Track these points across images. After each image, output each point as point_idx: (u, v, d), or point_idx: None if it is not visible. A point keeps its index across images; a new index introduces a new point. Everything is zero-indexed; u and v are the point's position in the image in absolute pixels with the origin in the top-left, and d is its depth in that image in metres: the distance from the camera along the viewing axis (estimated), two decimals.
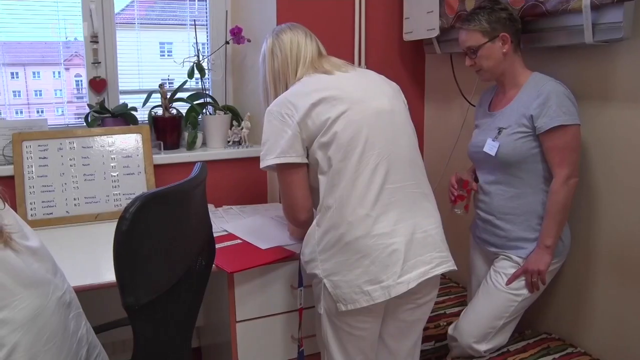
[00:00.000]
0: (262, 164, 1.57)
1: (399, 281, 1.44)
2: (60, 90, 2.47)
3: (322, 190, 1.51)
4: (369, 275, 1.44)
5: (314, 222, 1.54)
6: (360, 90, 1.56)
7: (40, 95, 2.46)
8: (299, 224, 1.65)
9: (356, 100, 1.52)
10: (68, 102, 2.48)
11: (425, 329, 1.71)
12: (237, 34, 2.37)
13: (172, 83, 2.55)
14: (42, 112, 2.45)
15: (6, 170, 2.05)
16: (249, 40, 2.37)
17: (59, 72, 2.46)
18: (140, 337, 1.01)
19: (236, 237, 1.89)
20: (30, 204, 2.04)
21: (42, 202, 2.05)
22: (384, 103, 1.57)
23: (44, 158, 2.10)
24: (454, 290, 2.38)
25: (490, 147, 1.78)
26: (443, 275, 1.67)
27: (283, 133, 1.52)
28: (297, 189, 1.59)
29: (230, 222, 2.06)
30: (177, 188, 1.13)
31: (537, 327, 2.03)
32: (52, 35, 2.40)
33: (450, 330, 1.90)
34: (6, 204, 1.16)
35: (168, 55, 2.61)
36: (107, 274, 1.54)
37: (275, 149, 1.53)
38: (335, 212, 1.47)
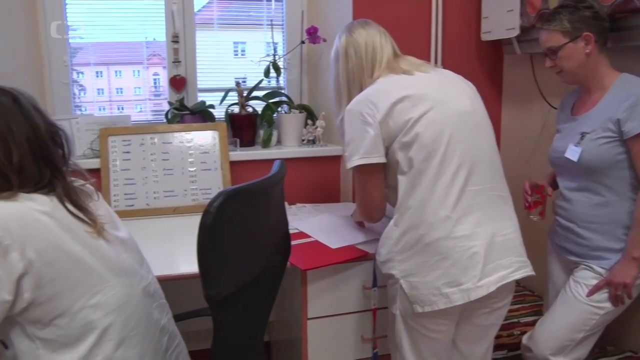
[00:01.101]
0: (349, 165, 1.57)
1: (478, 284, 1.41)
2: (140, 88, 2.57)
3: (401, 190, 1.50)
4: (448, 277, 1.42)
5: (392, 222, 1.53)
6: (442, 91, 1.54)
7: (121, 92, 2.57)
8: (372, 222, 1.69)
9: (438, 101, 1.50)
10: (146, 99, 2.58)
11: (497, 336, 1.67)
12: (313, 34, 2.38)
13: (244, 82, 2.60)
14: (122, 108, 2.57)
15: (93, 163, 2.16)
16: (324, 40, 2.38)
17: (139, 71, 2.56)
18: (220, 328, 1.04)
19: (308, 236, 1.91)
20: (114, 195, 2.14)
21: (125, 194, 2.15)
22: (465, 104, 1.54)
23: (127, 152, 2.19)
24: (529, 298, 2.31)
25: (573, 153, 1.71)
26: (517, 283, 1.62)
27: (365, 133, 1.51)
28: (376, 190, 1.60)
29: (303, 220, 2.08)
30: (258, 184, 1.15)
31: (621, 344, 1.93)
32: (134, 36, 2.51)
33: (524, 339, 1.84)
34: (100, 196, 1.23)
35: (241, 55, 2.66)
36: (184, 266, 1.60)
37: (359, 149, 1.52)
38: (415, 213, 1.46)
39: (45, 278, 1.02)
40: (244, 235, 1.11)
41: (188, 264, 1.65)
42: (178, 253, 1.76)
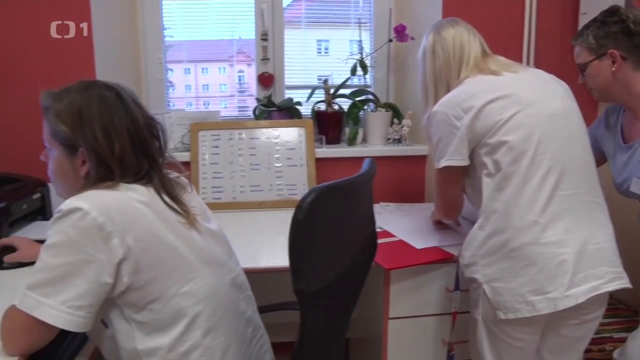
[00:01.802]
0: (437, 166, 1.57)
1: (566, 294, 1.35)
2: (225, 84, 2.64)
3: (486, 193, 1.46)
4: (534, 284, 1.37)
5: (476, 226, 1.50)
6: (532, 92, 1.49)
7: (207, 89, 2.65)
8: (450, 219, 1.79)
9: (528, 102, 1.45)
10: (230, 95, 2.65)
11: (587, 350, 1.59)
12: (400, 32, 2.36)
13: (327, 79, 2.61)
14: (208, 104, 2.65)
15: (184, 156, 2.24)
16: (412, 38, 2.36)
17: (224, 68, 2.63)
18: (307, 323, 1.05)
19: (392, 235, 1.89)
20: (203, 188, 2.21)
21: (212, 187, 2.22)
22: (557, 105, 1.48)
23: (216, 147, 2.26)
24: (623, 313, 2.18)
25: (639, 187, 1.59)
26: (611, 295, 1.54)
27: (451, 135, 1.49)
28: (456, 191, 1.60)
29: (387, 219, 2.06)
30: (349, 182, 1.16)
31: None
32: (221, 35, 2.58)
33: (615, 354, 1.74)
34: (193, 188, 1.27)
35: (324, 53, 2.68)
36: (266, 260, 1.62)
37: (446, 151, 1.52)
38: (501, 217, 1.42)
39: (142, 264, 1.07)
40: (334, 231, 1.11)
41: (270, 257, 1.69)
42: (262, 247, 1.80)
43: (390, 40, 2.50)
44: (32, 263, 1.54)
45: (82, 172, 1.16)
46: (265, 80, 2.53)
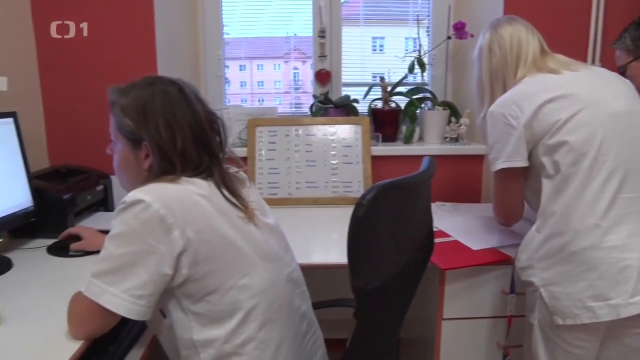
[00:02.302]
0: (492, 168, 1.54)
1: (630, 301, 1.30)
2: (279, 81, 2.66)
3: (545, 194, 1.42)
4: (594, 290, 1.32)
5: (533, 228, 1.46)
6: (593, 90, 1.43)
7: (262, 85, 2.67)
8: (507, 225, 1.69)
9: (589, 101, 1.40)
10: (285, 92, 2.66)
11: None
12: (460, 29, 2.33)
13: (382, 77, 2.60)
14: (262, 101, 2.68)
15: (241, 151, 2.27)
16: (471, 36, 2.31)
17: (279, 65, 2.65)
18: (362, 320, 1.05)
19: (447, 235, 1.87)
20: (259, 183, 2.23)
21: (269, 183, 2.24)
22: (620, 104, 1.42)
23: (273, 143, 2.28)
24: None
25: None
26: None
27: (508, 136, 1.46)
28: (516, 194, 1.55)
29: (443, 218, 2.04)
30: (410, 180, 1.15)
31: None
32: (277, 32, 2.61)
33: None
34: (251, 183, 1.29)
35: (380, 50, 2.66)
36: (321, 256, 1.63)
37: (502, 152, 1.48)
38: (560, 219, 1.38)
39: (200, 256, 1.09)
40: (393, 229, 1.11)
41: (323, 254, 1.69)
42: (315, 243, 1.80)
43: (449, 38, 2.46)
44: (96, 252, 1.62)
45: (145, 165, 1.19)
46: (323, 77, 2.53)
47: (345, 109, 2.42)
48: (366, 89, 2.52)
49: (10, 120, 1.72)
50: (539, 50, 1.56)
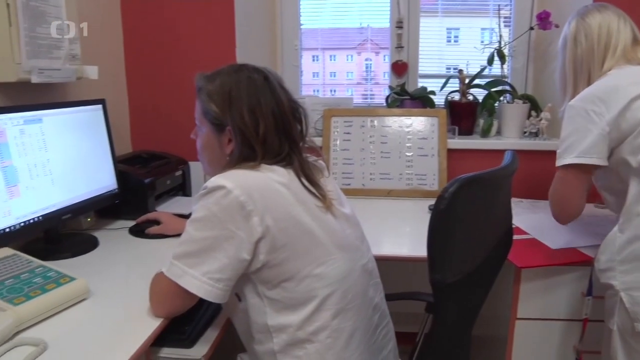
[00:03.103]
0: (559, 162, 1.46)
1: None
2: (352, 72, 2.65)
3: (631, 194, 1.35)
4: None
5: (616, 228, 1.39)
6: None
7: (334, 76, 2.67)
8: (562, 224, 1.57)
9: None
10: (357, 83, 2.65)
11: None
12: (544, 19, 2.24)
13: (456, 69, 2.54)
14: (334, 91, 2.68)
15: (316, 141, 2.27)
16: (556, 26, 2.22)
17: (352, 56, 2.64)
18: (440, 314, 1.04)
19: (524, 232, 1.81)
20: (333, 173, 2.24)
21: (343, 173, 2.24)
22: None
23: (348, 133, 2.28)
24: None
25: None
26: None
27: (587, 132, 1.38)
28: (579, 193, 1.47)
29: (519, 215, 1.98)
30: (492, 174, 1.12)
31: None
32: (350, 23, 2.61)
33: None
34: (329, 172, 1.29)
35: (454, 41, 2.60)
36: (392, 248, 1.61)
37: (575, 147, 1.41)
38: None
39: (278, 243, 1.10)
40: (473, 224, 1.09)
41: (394, 246, 1.68)
42: (387, 235, 1.79)
43: (532, 28, 2.37)
44: (174, 235, 1.68)
45: (228, 150, 1.21)
46: (399, 68, 2.51)
47: (421, 100, 2.38)
48: (442, 80, 2.47)
49: (99, 107, 1.80)
50: (631, 41, 1.47)
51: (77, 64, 1.76)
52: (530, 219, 1.94)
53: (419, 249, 1.64)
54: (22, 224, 1.46)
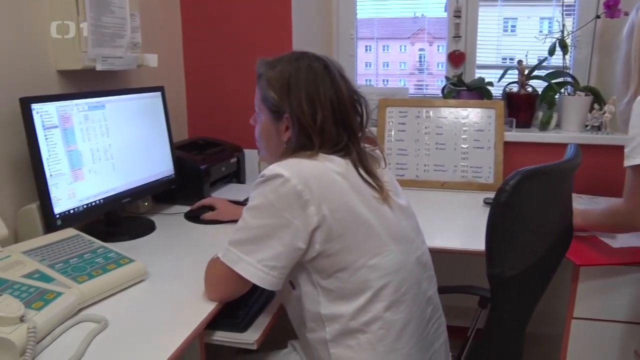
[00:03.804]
0: (628, 162, 1.39)
1: None
2: (405, 63, 2.62)
3: None
4: None
5: None
6: None
7: (387, 67, 2.64)
8: (624, 232, 1.52)
9: None
10: (410, 74, 2.62)
11: None
12: (612, 7, 2.14)
13: (512, 59, 2.47)
14: (387, 82, 2.65)
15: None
16: (625, 14, 2.13)
17: (405, 47, 2.60)
18: (496, 309, 1.02)
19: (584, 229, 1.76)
20: (388, 164, 2.23)
21: (397, 164, 2.23)
22: None
23: (403, 124, 2.26)
24: None
25: None
26: None
27: None
28: None
29: None
30: (555, 167, 1.09)
31: None
32: (404, 12, 2.58)
33: None
34: (386, 163, 1.28)
35: (511, 31, 2.53)
36: (443, 240, 1.59)
37: None
38: None
39: (334, 233, 1.10)
40: (533, 218, 1.06)
41: (445, 239, 1.65)
42: (438, 227, 1.77)
43: (598, 17, 2.28)
44: (228, 221, 1.71)
45: (285, 137, 1.22)
46: (456, 58, 2.46)
47: (478, 92, 2.33)
48: (499, 71, 2.41)
49: (159, 94, 1.84)
50: None
51: (137, 52, 1.80)
52: None
53: (471, 242, 1.62)
54: (85, 206, 1.51)
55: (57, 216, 1.42)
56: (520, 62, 2.31)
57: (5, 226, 1.31)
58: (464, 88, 2.35)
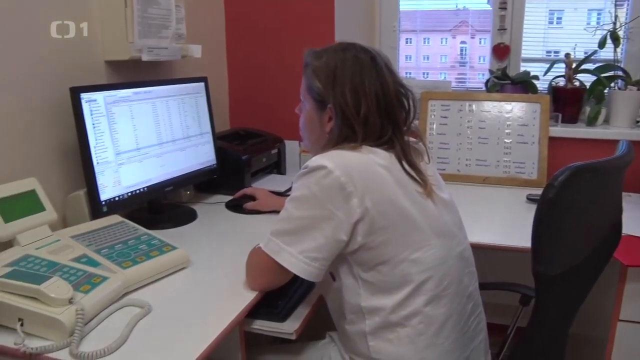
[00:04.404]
0: None
1: None
2: (446, 56, 2.58)
3: None
4: None
5: None
6: None
7: (427, 60, 2.61)
8: None
9: None
10: (451, 67, 2.59)
11: None
12: None
13: (557, 53, 2.40)
14: (427, 75, 2.62)
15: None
16: None
17: (446, 39, 2.57)
18: (541, 307, 1.00)
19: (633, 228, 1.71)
20: (430, 157, 2.21)
21: (438, 157, 2.20)
22: None
23: (445, 117, 2.23)
24: None
25: None
26: None
27: None
28: None
29: (628, 211, 1.85)
30: (606, 164, 1.06)
31: None
32: (446, 5, 2.54)
33: None
34: (430, 157, 1.27)
35: (557, 24, 2.46)
36: (481, 236, 1.56)
37: None
38: None
39: (376, 226, 1.09)
40: (582, 215, 1.03)
41: (484, 234, 1.62)
42: (480, 222, 1.74)
43: None
44: (269, 212, 1.72)
45: (327, 128, 1.22)
46: (501, 51, 2.41)
47: (523, 85, 2.28)
48: (544, 65, 2.35)
49: (202, 84, 1.86)
50: None
51: (182, 43, 1.82)
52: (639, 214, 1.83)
53: (512, 238, 1.59)
54: (129, 194, 1.54)
55: (103, 203, 1.46)
56: (568, 55, 2.25)
57: (55, 211, 1.35)
58: (508, 82, 2.30)
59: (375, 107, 1.17)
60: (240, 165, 1.97)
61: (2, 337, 1.02)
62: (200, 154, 1.83)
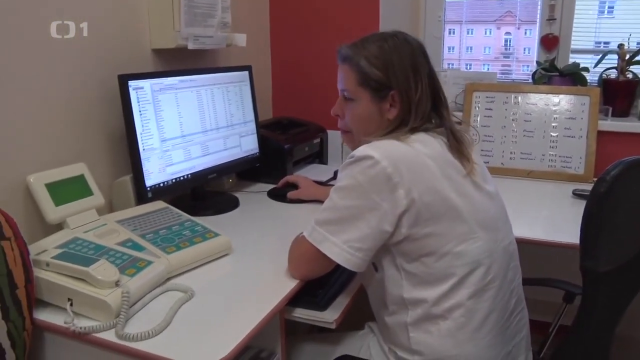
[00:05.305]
0: None
1: None
2: (489, 47, 2.53)
3: None
4: None
5: None
6: None
7: (470, 51, 2.56)
8: None
9: None
10: (495, 59, 2.53)
11: None
12: None
13: (607, 44, 2.33)
14: (469, 66, 2.57)
15: (456, 116, 2.22)
16: None
17: (490, 30, 2.51)
18: (587, 304, 0.98)
19: None
20: (475, 142, 2.17)
21: (482, 150, 2.17)
22: None
23: (489, 109, 2.19)
24: None
25: None
26: None
27: None
28: None
29: None
30: None
31: None
32: None
33: None
34: (475, 146, 1.26)
35: (608, 14, 2.37)
36: (524, 230, 1.53)
37: None
38: None
39: (422, 218, 1.09)
40: (632, 211, 1.00)
41: (531, 229, 1.59)
42: (524, 217, 1.70)
43: None
44: (311, 201, 1.72)
45: (390, 115, 1.20)
46: (549, 42, 2.35)
47: (571, 77, 2.22)
48: (593, 56, 2.28)
49: (246, 73, 1.88)
50: None
51: (227, 31, 1.84)
52: None
53: (557, 234, 1.55)
54: (173, 180, 1.57)
55: (148, 189, 1.49)
56: (621, 46, 2.18)
57: (102, 196, 1.38)
58: (556, 73, 2.24)
59: (428, 90, 1.19)
60: (282, 154, 1.98)
61: (54, 315, 1.06)
62: (243, 142, 1.85)
